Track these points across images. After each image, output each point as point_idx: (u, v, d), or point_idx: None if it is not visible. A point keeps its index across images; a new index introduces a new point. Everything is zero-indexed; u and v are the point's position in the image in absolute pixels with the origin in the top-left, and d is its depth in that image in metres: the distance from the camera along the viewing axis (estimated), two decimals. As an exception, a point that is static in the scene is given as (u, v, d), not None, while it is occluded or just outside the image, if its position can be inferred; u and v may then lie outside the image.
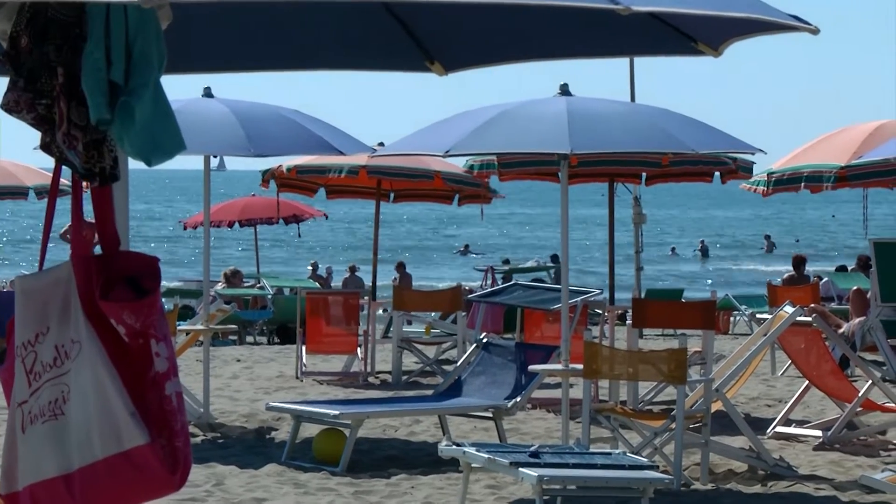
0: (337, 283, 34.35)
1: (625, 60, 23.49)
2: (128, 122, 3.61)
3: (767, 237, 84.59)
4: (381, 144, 15.88)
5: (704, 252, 79.14)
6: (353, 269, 32.86)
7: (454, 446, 10.74)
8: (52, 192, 3.91)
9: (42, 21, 3.62)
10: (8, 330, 3.83)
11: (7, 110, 3.70)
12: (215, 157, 15.21)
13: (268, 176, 19.43)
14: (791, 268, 26.74)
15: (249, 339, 26.37)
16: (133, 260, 3.75)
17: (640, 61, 23.54)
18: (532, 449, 10.37)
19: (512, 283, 22.42)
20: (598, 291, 18.54)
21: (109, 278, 3.67)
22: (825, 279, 27.11)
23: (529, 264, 45.48)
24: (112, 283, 3.67)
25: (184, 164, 12.72)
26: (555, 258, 40.14)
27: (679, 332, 17.04)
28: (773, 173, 15.85)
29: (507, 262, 47.09)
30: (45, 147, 3.72)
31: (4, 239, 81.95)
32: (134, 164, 3.82)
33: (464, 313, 19.34)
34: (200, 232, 16.31)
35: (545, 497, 9.75)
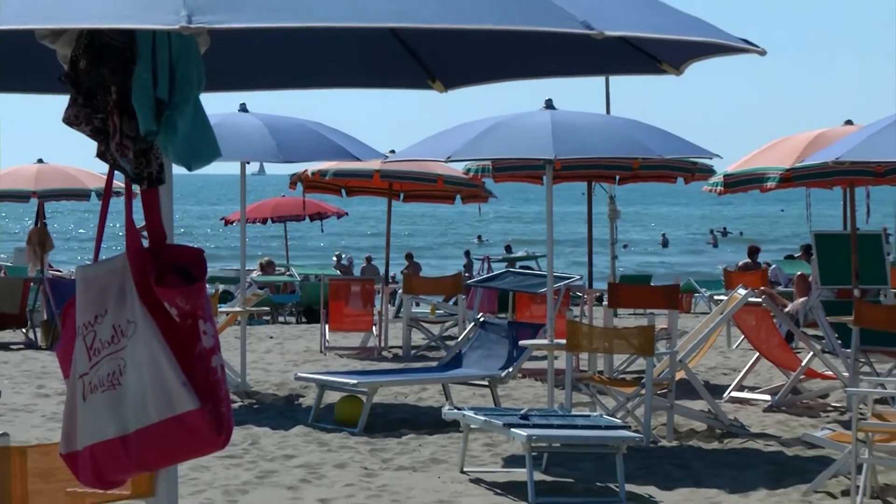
0: (356, 271, 34.33)
1: (601, 78, 23.44)
2: (171, 133, 3.61)
3: (711, 231, 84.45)
4: (393, 151, 15.83)
5: (665, 243, 78.96)
6: (369, 259, 32.82)
7: (455, 410, 10.75)
8: (106, 194, 3.91)
9: (98, 46, 3.61)
10: (64, 313, 3.83)
11: (68, 123, 3.70)
12: (248, 163, 15.15)
13: (295, 179, 19.41)
14: (747, 256, 26.85)
15: (280, 319, 26.36)
16: (182, 252, 3.75)
17: (613, 78, 23.47)
18: (522, 412, 10.36)
19: (505, 270, 22.41)
20: (579, 277, 18.52)
21: (161, 267, 3.68)
22: (773, 266, 27.13)
23: (520, 254, 45.35)
24: (164, 271, 3.67)
25: (225, 170, 12.79)
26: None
27: (647, 311, 16.96)
28: (728, 175, 15.83)
29: (508, 248, 46.85)
30: (101, 155, 3.72)
31: (71, 234, 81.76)
32: (177, 170, 3.81)
33: (463, 296, 19.31)
34: (238, 227, 16.33)
35: (533, 453, 9.75)
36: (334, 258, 36.08)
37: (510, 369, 13.45)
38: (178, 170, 3.79)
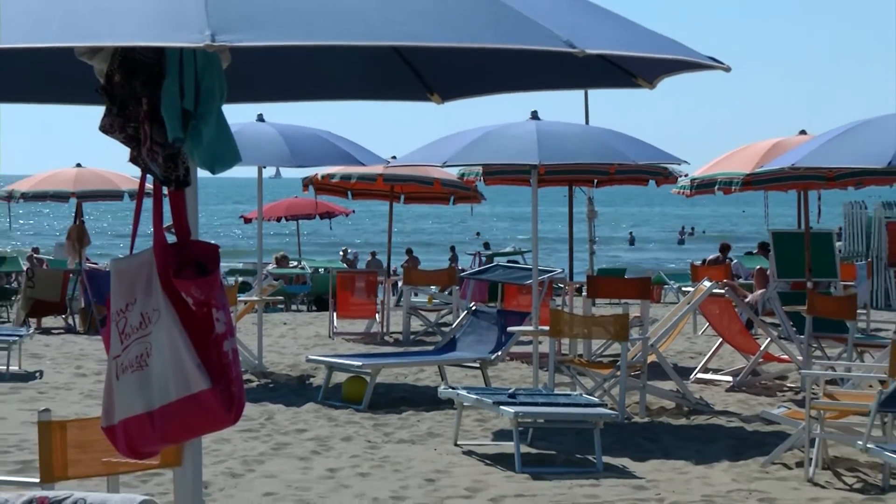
0: (361, 264, 34.29)
1: (581, 91, 23.42)
2: (197, 140, 3.60)
3: (682, 230, 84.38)
4: (394, 157, 15.81)
5: (632, 241, 78.84)
6: (373, 254, 32.75)
7: (450, 389, 10.74)
8: (139, 195, 3.90)
9: (131, 62, 3.60)
10: (107, 301, 3.84)
11: (104, 131, 3.69)
12: (265, 167, 15.15)
13: (307, 182, 19.36)
14: (719, 251, 26.92)
15: (293, 307, 26.35)
16: (200, 247, 3.74)
17: (592, 91, 23.45)
18: (510, 391, 10.37)
19: (494, 263, 22.39)
20: (561, 270, 18.51)
21: (181, 261, 3.68)
22: (735, 261, 27.13)
23: (507, 249, 45.30)
24: (183, 265, 3.67)
25: (245, 174, 12.78)
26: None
27: (622, 301, 16.94)
28: (694, 179, 15.82)
29: (487, 245, 46.72)
30: (134, 160, 3.71)
31: (106, 231, 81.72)
32: (202, 173, 3.80)
33: (457, 287, 19.31)
34: (256, 225, 16.34)
35: (520, 428, 9.76)
36: (341, 253, 36.07)
37: (499, 353, 13.47)
38: (202, 173, 3.78)
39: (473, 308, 14.85)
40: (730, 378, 13.90)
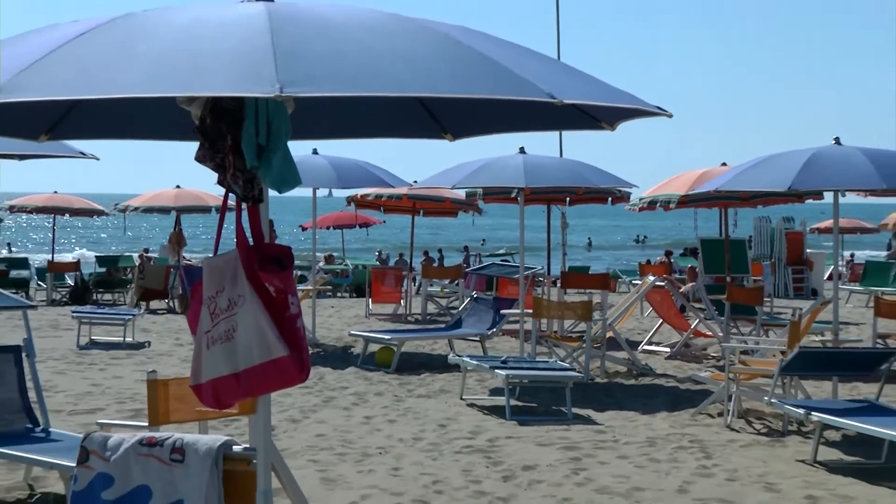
0: (391, 262, 34.21)
1: (557, 132, 23.35)
2: (268, 167, 3.59)
3: (637, 237, 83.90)
4: (415, 181, 15.78)
5: (589, 245, 78.13)
6: (401, 255, 32.67)
7: (457, 357, 10.73)
8: (222, 209, 3.89)
9: (219, 108, 3.60)
10: (192, 291, 3.81)
11: (198, 161, 3.69)
12: (318, 188, 15.12)
13: (349, 199, 19.34)
14: (664, 255, 26.90)
15: (338, 294, 26.30)
16: (277, 248, 3.73)
17: (566, 132, 23.38)
18: (502, 359, 10.35)
19: (491, 262, 22.34)
20: (541, 268, 18.51)
21: (262, 259, 3.66)
22: (673, 261, 27.09)
23: (501, 251, 45.15)
24: (264, 261, 3.65)
25: (303, 193, 12.78)
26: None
27: (587, 291, 16.95)
28: (642, 198, 15.74)
29: (466, 248, 45.99)
30: (220, 182, 3.70)
31: (198, 236, 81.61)
32: (272, 193, 3.79)
33: (463, 280, 19.28)
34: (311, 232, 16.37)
35: (510, 386, 9.74)
36: (376, 254, 36.00)
37: (494, 329, 13.44)
38: (272, 193, 3.77)
39: (475, 296, 14.83)
40: (668, 349, 13.87)
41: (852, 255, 34.72)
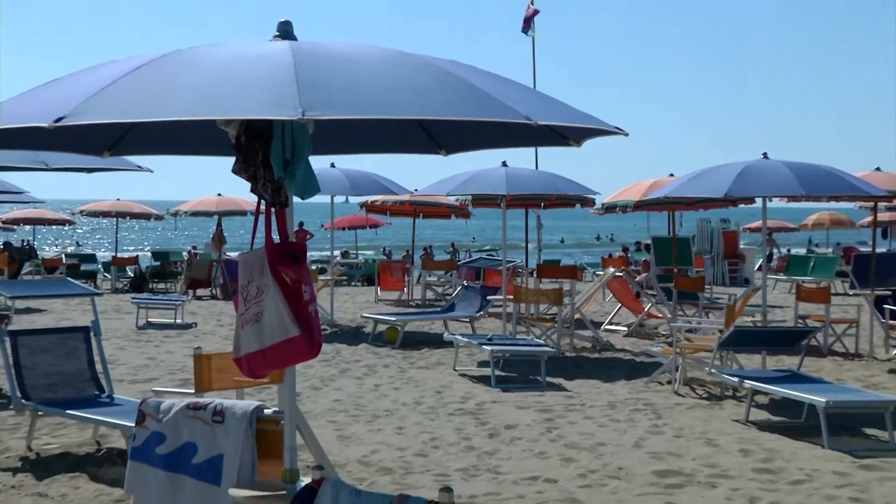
0: (396, 256, 34.14)
1: (533, 148, 23.25)
2: (292, 178, 3.57)
3: (598, 236, 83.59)
4: (416, 189, 15.76)
5: (561, 241, 77.74)
6: (407, 251, 32.62)
7: (451, 335, 10.72)
8: (255, 213, 3.88)
9: (252, 128, 3.58)
10: (235, 279, 3.81)
11: (235, 173, 3.67)
12: (335, 195, 15.08)
13: (362, 205, 19.30)
14: (622, 251, 26.85)
15: (352, 283, 26.26)
16: (295, 245, 3.72)
17: (540, 148, 23.35)
18: (489, 336, 10.35)
19: (478, 256, 22.31)
20: (520, 261, 18.49)
21: (282, 254, 3.65)
22: (629, 255, 27.06)
23: (488, 247, 45.04)
24: (283, 256, 3.64)
25: (323, 200, 12.75)
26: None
27: (559, 280, 16.93)
28: (604, 204, 15.71)
29: (453, 245, 45.85)
30: (253, 190, 3.68)
31: (236, 235, 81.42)
32: (296, 199, 3.77)
33: (455, 271, 19.24)
34: (334, 232, 16.36)
35: (494, 359, 9.74)
36: (382, 249, 35.95)
37: (482, 312, 13.42)
38: (296, 199, 3.75)
39: (465, 284, 14.81)
40: (625, 328, 13.87)
41: (789, 251, 34.57)
